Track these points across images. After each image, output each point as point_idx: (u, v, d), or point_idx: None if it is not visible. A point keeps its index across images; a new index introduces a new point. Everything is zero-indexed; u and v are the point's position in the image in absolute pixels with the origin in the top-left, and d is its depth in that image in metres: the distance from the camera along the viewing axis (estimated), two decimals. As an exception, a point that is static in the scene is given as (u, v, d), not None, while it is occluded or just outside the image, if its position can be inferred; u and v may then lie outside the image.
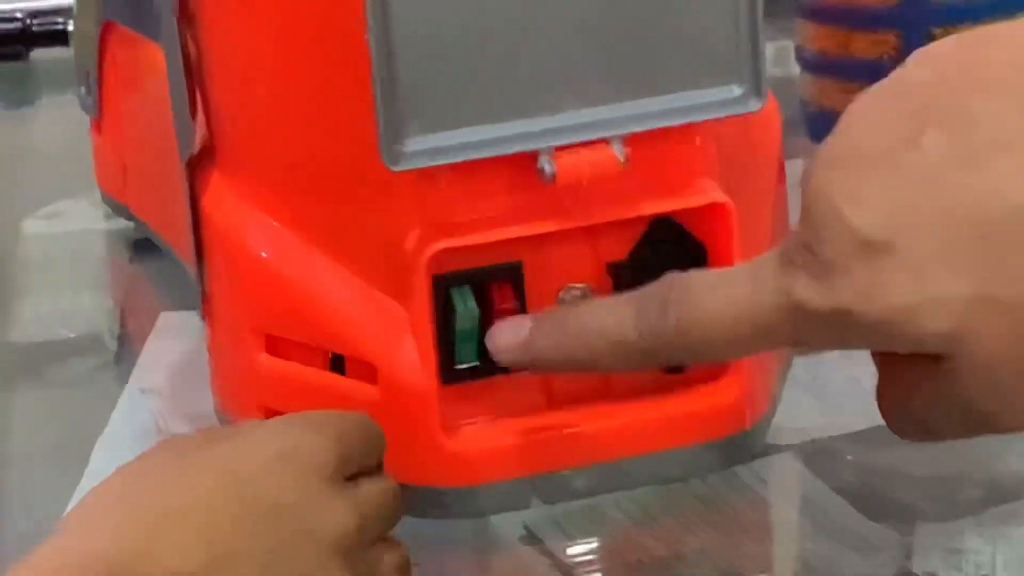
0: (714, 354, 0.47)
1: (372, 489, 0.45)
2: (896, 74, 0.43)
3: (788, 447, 0.53)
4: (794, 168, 0.57)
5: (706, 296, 0.44)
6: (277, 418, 0.48)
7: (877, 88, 0.43)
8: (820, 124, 0.71)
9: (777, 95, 0.55)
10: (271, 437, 0.46)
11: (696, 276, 0.45)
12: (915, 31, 0.66)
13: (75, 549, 0.40)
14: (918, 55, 0.43)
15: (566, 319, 0.47)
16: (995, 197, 0.39)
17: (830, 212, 0.41)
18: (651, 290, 0.45)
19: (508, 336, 0.47)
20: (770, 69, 0.54)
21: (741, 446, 0.50)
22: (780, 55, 0.72)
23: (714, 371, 0.51)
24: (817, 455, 0.53)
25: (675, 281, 0.44)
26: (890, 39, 0.66)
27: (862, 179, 0.41)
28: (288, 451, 0.44)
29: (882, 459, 0.52)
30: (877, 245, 0.40)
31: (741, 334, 0.44)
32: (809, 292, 0.41)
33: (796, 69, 0.73)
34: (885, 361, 0.43)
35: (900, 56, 0.49)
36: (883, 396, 0.44)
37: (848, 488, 0.51)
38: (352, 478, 0.44)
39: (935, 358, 0.40)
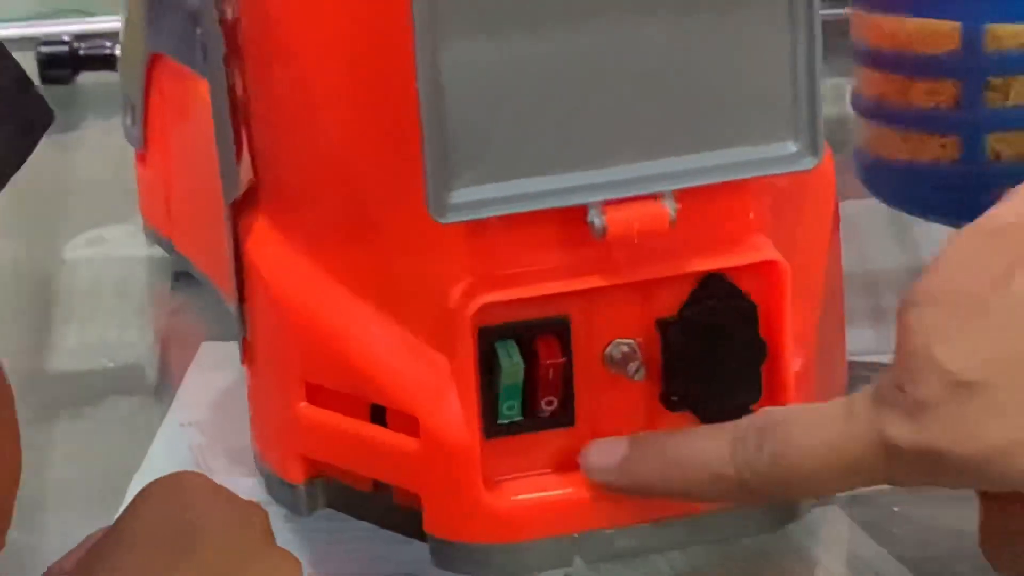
0: (809, 490, 0.49)
1: None
2: (991, 212, 0.44)
3: (837, 501, 0.54)
4: (846, 210, 0.59)
5: (801, 433, 0.45)
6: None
7: (972, 227, 0.44)
8: (875, 172, 0.71)
9: (830, 135, 0.54)
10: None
11: (792, 412, 0.46)
12: (974, 79, 0.65)
13: None
14: (1013, 193, 0.45)
15: (665, 445, 0.48)
16: None
17: (923, 352, 0.42)
18: (748, 423, 0.47)
19: (604, 457, 0.48)
20: (825, 108, 0.53)
21: (790, 507, 0.50)
22: (835, 93, 0.71)
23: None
24: (864, 508, 0.54)
25: (771, 416, 0.46)
26: (948, 87, 0.65)
27: (955, 320, 0.42)
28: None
29: (928, 514, 0.52)
30: (970, 386, 0.41)
31: (835, 471, 0.45)
32: (902, 431, 0.43)
33: (850, 109, 0.73)
34: (987, 501, 0.44)
35: (957, 105, 0.48)
36: (986, 535, 0.45)
37: (900, 548, 0.52)
38: None
39: None
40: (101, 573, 0.47)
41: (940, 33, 0.65)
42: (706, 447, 0.48)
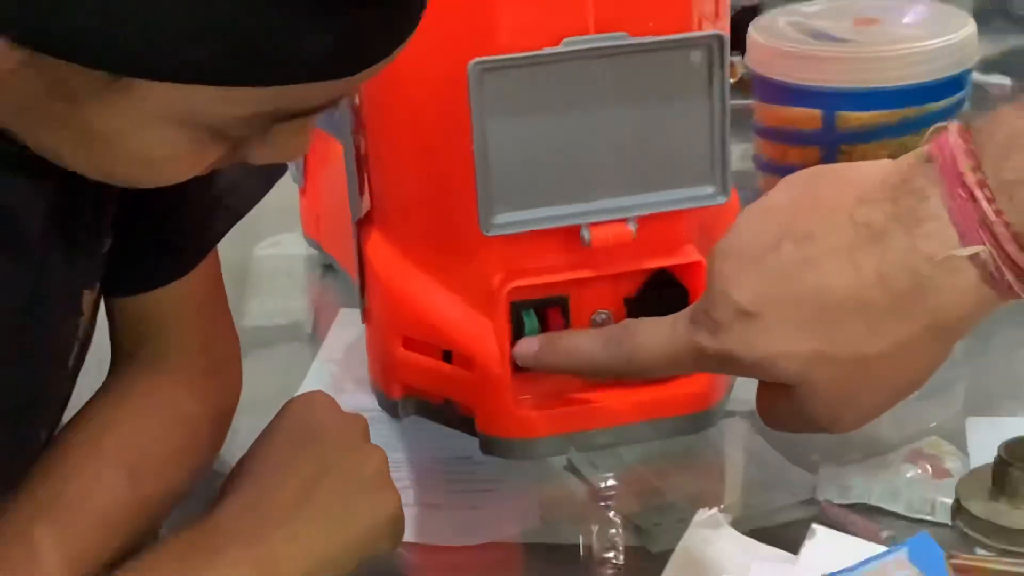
0: (651, 373, 0.49)
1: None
2: (768, 196, 0.44)
3: (739, 414, 0.54)
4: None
5: (644, 337, 0.46)
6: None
7: (755, 205, 0.44)
8: None
9: (739, 181, 0.55)
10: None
11: (641, 323, 0.47)
12: (831, 148, 0.66)
13: None
14: (782, 183, 0.44)
15: (559, 342, 0.49)
16: (826, 290, 0.41)
17: (721, 290, 0.43)
18: (614, 329, 0.48)
19: (523, 349, 0.49)
20: (737, 165, 0.54)
21: (706, 418, 0.52)
22: (742, 154, 0.71)
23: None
24: (757, 420, 0.52)
25: (628, 324, 0.47)
26: (814, 152, 0.65)
27: (741, 270, 0.43)
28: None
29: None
30: (749, 314, 0.42)
31: (665, 363, 0.46)
32: (706, 340, 0.43)
33: (751, 164, 0.73)
34: (761, 384, 0.45)
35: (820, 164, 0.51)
36: (759, 404, 0.46)
37: (778, 444, 0.51)
38: None
39: (788, 386, 0.43)
40: (249, 460, 0.47)
41: (809, 117, 0.66)
42: (590, 344, 0.48)
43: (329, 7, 0.37)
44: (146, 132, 0.42)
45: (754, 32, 0.66)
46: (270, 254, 0.79)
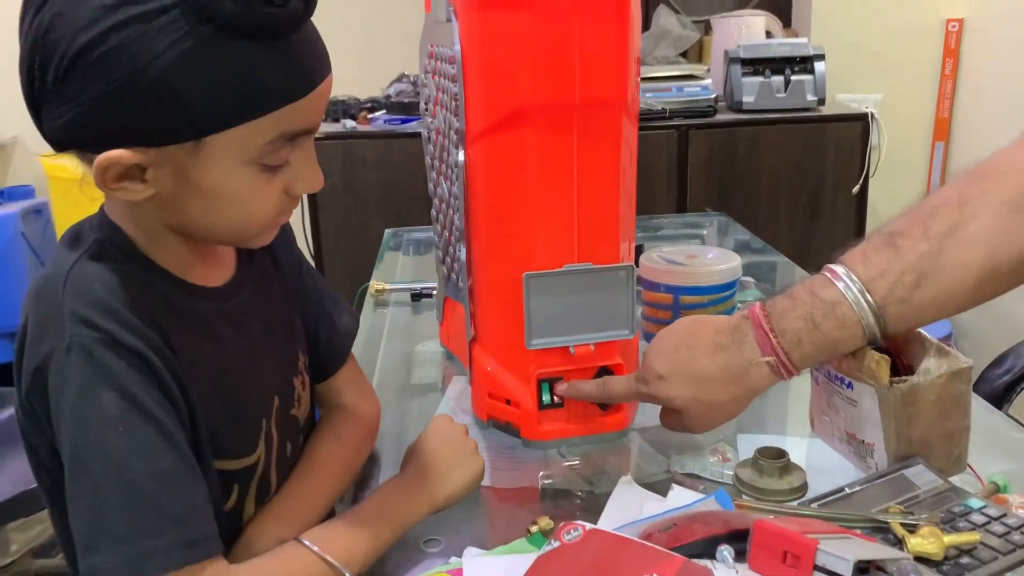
0: (615, 401, 0.86)
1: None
2: (671, 326, 0.81)
3: (637, 430, 0.91)
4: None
5: (615, 385, 0.84)
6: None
7: (666, 330, 0.80)
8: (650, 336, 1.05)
9: (638, 326, 0.94)
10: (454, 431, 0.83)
11: (615, 379, 0.83)
12: (675, 312, 1.08)
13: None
14: (678, 322, 0.80)
15: (578, 384, 0.86)
16: (698, 370, 0.75)
17: (649, 365, 0.79)
18: (602, 380, 0.84)
19: (562, 387, 0.85)
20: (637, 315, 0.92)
21: (624, 432, 0.90)
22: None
23: (619, 408, 0.90)
24: (646, 432, 0.90)
25: (608, 379, 0.84)
26: (669, 313, 1.09)
27: (658, 357, 0.79)
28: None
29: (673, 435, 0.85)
30: (663, 377, 0.78)
31: (623, 397, 0.83)
32: (643, 387, 0.79)
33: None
34: (664, 408, 0.81)
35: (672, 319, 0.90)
36: (662, 418, 0.83)
37: (654, 444, 0.88)
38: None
39: (677, 410, 0.79)
40: (412, 448, 0.80)
41: (667, 298, 1.10)
42: (591, 386, 0.84)
43: (264, 37, 0.56)
44: (231, 176, 0.61)
45: (643, 260, 1.13)
46: (424, 349, 1.19)
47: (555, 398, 0.88)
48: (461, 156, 0.87)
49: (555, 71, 0.79)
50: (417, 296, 1.40)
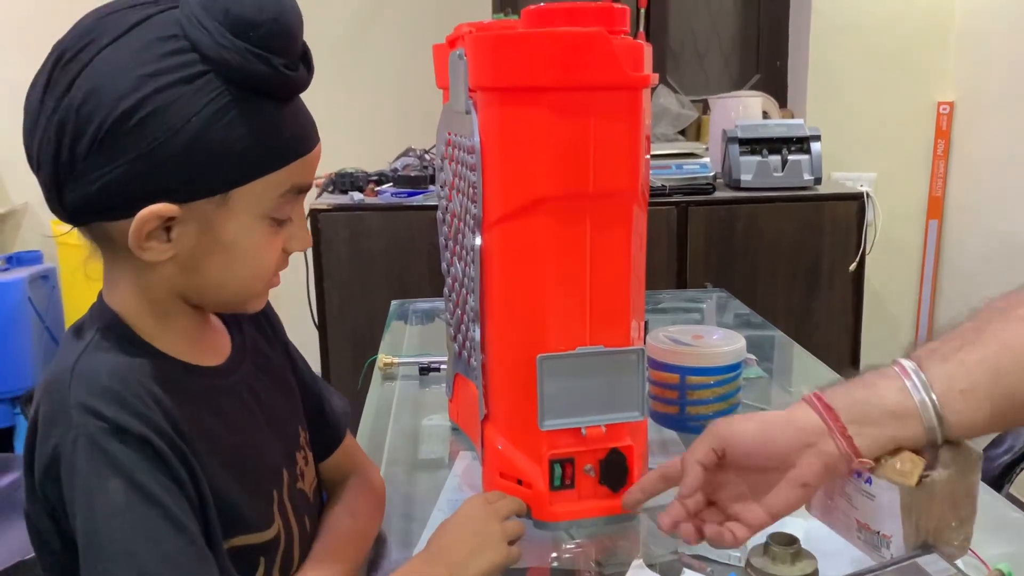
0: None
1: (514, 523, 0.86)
2: (759, 415, 0.78)
3: (646, 511, 0.91)
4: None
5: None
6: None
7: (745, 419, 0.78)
8: (655, 413, 1.16)
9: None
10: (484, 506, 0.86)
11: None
12: (682, 391, 1.11)
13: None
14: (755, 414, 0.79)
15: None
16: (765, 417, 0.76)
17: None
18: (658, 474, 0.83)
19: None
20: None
21: (629, 516, 0.91)
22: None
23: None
24: (654, 513, 0.83)
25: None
26: (675, 393, 1.13)
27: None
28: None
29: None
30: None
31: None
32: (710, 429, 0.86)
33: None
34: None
35: (679, 399, 0.97)
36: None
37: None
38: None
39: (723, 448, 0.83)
40: (440, 528, 0.82)
41: (673, 378, 1.12)
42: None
43: (281, 97, 0.63)
44: (248, 229, 0.65)
45: (650, 339, 1.15)
46: (430, 424, 1.22)
47: (567, 480, 0.89)
48: (478, 240, 0.90)
49: (571, 163, 0.82)
50: (425, 370, 1.42)
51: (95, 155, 0.60)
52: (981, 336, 0.69)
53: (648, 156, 0.88)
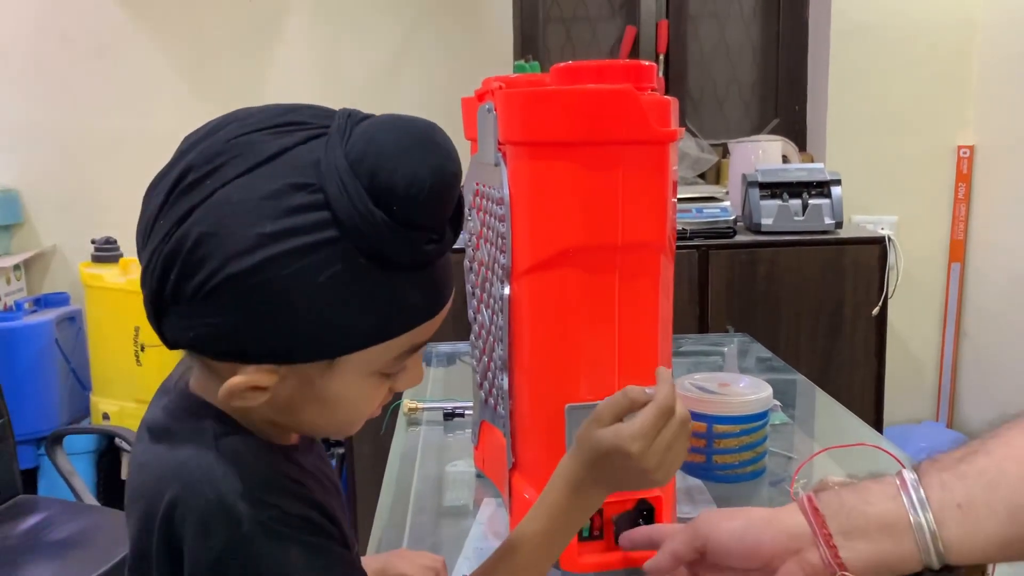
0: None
1: None
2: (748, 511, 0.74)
3: None
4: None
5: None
6: None
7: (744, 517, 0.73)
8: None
9: None
10: None
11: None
12: (710, 440, 1.10)
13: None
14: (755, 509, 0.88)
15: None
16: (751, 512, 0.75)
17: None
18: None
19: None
20: None
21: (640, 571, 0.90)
22: None
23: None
24: None
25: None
26: (703, 441, 1.12)
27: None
28: None
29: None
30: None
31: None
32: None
33: None
34: None
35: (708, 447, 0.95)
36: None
37: None
38: None
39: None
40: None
41: (700, 426, 1.11)
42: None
43: (415, 267, 0.57)
44: (354, 387, 0.61)
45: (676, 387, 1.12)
46: (455, 470, 1.21)
47: (595, 530, 0.89)
48: (507, 290, 0.91)
49: (600, 215, 0.84)
50: (450, 415, 1.43)
51: (200, 302, 0.56)
52: (986, 444, 0.63)
53: (675, 203, 0.89)
